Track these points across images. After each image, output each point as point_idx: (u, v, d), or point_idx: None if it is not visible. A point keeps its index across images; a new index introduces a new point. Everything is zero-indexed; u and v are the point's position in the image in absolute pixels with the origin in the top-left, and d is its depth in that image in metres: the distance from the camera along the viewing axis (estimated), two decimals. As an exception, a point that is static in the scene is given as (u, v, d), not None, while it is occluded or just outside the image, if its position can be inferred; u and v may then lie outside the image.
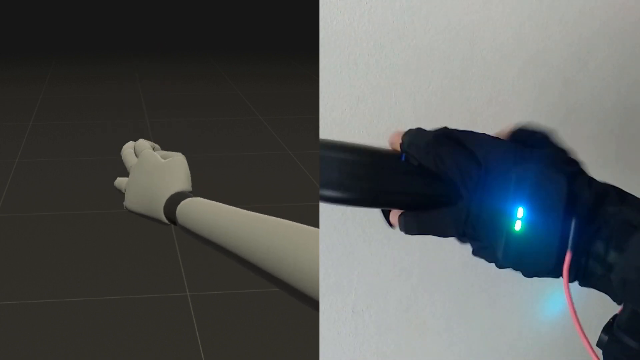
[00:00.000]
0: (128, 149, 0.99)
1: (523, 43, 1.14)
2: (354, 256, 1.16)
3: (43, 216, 3.28)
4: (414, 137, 0.69)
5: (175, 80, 6.16)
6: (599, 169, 0.77)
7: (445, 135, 0.68)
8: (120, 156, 0.99)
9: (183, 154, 0.95)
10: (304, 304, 0.69)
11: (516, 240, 0.64)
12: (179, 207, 0.85)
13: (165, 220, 0.89)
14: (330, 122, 1.06)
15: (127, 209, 0.95)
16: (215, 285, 2.68)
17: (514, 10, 1.11)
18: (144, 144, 0.98)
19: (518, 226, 0.64)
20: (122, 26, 8.79)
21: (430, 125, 0.70)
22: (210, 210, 0.81)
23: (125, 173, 0.99)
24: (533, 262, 0.64)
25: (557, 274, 0.65)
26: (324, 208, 1.09)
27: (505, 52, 1.13)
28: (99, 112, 5.08)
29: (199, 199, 0.86)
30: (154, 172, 0.92)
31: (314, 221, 0.88)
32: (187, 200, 0.86)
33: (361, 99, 1.05)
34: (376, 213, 0.72)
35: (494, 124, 1.11)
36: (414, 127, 0.70)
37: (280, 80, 6.18)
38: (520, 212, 0.64)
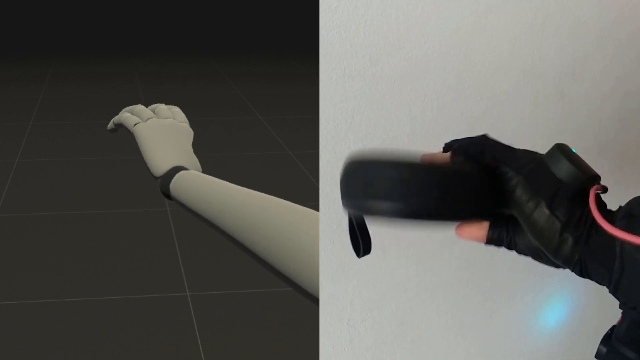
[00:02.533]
0: (126, 112, 0.97)
1: (518, 55, 1.15)
2: (349, 269, 1.16)
3: (43, 216, 3.28)
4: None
5: (175, 80, 6.16)
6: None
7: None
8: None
9: None
10: (298, 293, 0.65)
11: None
12: (172, 180, 0.84)
13: (155, 176, 0.88)
14: (325, 134, 1.07)
15: (135, 127, 0.92)
16: (215, 285, 2.69)
17: (510, 23, 1.12)
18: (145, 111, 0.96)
19: None
20: (122, 26, 8.78)
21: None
22: (204, 186, 0.79)
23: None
24: None
25: None
26: (320, 219, 1.09)
27: (500, 65, 1.14)
28: (99, 112, 5.08)
29: (193, 172, 0.84)
30: (180, 138, 0.93)
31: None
32: (181, 172, 0.84)
33: (357, 110, 1.06)
34: (371, 226, 0.70)
35: (490, 135, 1.12)
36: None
37: (280, 80, 6.18)
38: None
